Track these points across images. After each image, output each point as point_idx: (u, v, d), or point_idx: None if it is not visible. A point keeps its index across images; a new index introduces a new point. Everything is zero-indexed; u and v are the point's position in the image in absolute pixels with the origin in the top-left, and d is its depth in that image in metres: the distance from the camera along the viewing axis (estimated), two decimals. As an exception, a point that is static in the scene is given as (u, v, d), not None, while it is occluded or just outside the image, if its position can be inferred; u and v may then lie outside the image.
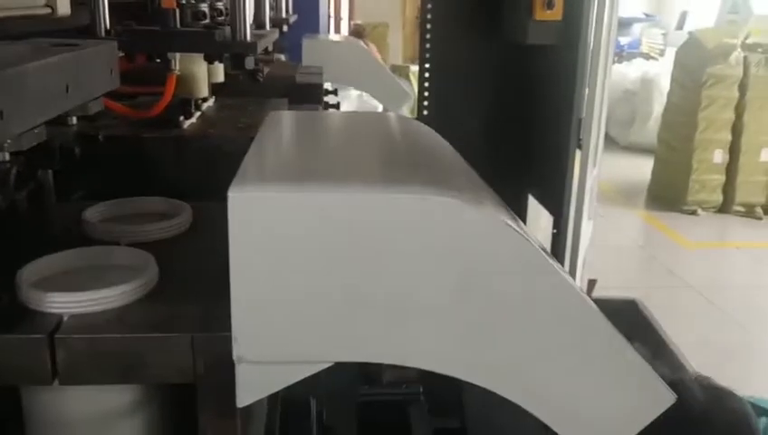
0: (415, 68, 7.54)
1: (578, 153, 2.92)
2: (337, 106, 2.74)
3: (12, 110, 0.76)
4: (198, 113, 1.52)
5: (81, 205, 1.11)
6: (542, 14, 2.82)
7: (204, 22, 1.39)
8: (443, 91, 3.10)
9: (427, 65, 3.14)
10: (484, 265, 0.75)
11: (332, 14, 7.44)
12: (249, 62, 1.34)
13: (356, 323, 0.77)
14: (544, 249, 0.80)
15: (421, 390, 1.92)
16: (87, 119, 1.08)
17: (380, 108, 6.01)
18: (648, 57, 8.25)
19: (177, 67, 1.35)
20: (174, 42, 1.26)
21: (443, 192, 0.76)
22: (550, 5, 2.77)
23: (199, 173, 1.36)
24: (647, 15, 8.84)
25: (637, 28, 8.89)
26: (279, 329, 0.76)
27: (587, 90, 2.96)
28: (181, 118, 1.46)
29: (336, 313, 0.76)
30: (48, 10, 0.96)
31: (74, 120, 1.05)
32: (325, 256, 0.75)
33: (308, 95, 2.37)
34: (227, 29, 1.37)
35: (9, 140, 0.81)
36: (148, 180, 1.33)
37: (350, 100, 5.95)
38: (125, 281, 0.86)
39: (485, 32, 3.00)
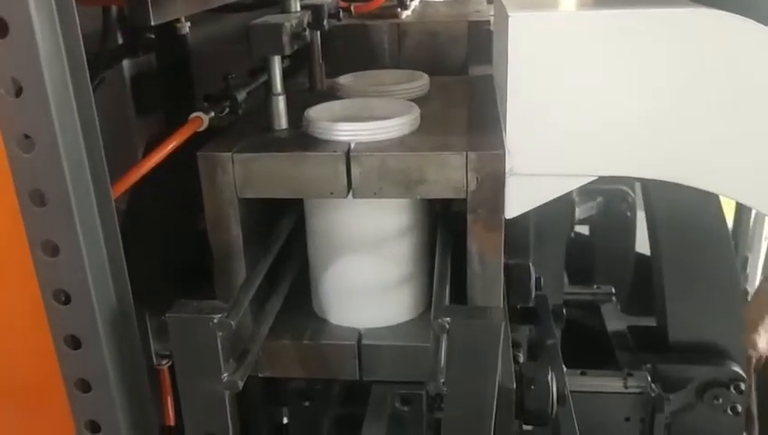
0: None
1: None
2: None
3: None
4: (413, 7, 1.63)
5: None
6: None
7: None
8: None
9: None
10: (755, 74, 0.79)
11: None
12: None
13: (623, 139, 0.83)
14: None
15: (613, 290, 1.96)
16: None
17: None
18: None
19: (401, -44, 1.45)
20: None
21: (709, 8, 0.80)
22: None
23: (423, 54, 1.47)
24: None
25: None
26: (550, 143, 0.85)
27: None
28: (398, 10, 1.57)
29: (604, 128, 0.83)
30: None
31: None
32: (596, 73, 0.82)
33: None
34: None
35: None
36: (376, 60, 1.48)
37: None
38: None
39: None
